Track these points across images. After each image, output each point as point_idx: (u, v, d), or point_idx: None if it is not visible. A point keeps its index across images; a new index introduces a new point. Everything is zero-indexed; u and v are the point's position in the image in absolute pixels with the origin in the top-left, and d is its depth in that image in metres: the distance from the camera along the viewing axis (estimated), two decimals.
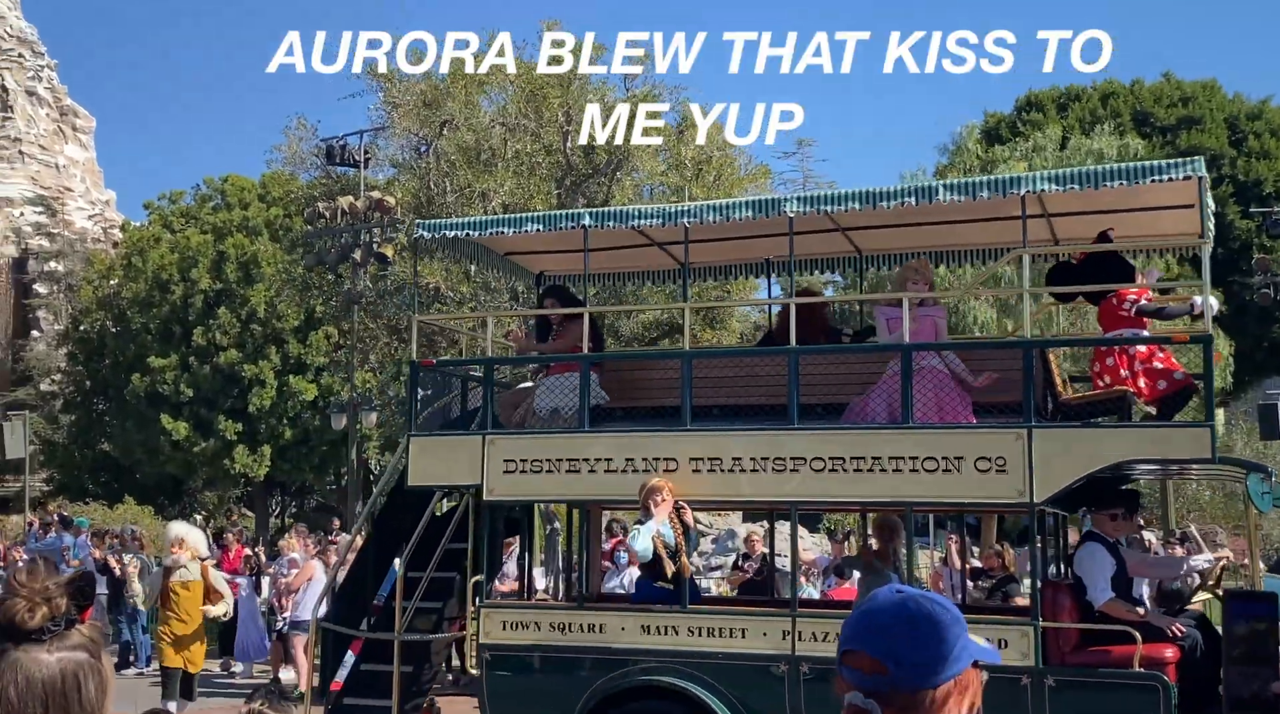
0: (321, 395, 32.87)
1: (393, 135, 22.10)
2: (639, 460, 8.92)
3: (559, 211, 10.42)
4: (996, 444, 8.11)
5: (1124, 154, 26.28)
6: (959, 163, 28.78)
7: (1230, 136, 35.81)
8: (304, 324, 33.55)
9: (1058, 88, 39.07)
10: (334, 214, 22.29)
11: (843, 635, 2.02)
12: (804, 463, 8.57)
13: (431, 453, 9.55)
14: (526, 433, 9.45)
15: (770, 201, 9.25)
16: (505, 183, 20.44)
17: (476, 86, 20.91)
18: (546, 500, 9.63)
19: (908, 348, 8.47)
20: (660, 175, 22.29)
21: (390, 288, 21.57)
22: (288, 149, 23.62)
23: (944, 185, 8.72)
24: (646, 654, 8.65)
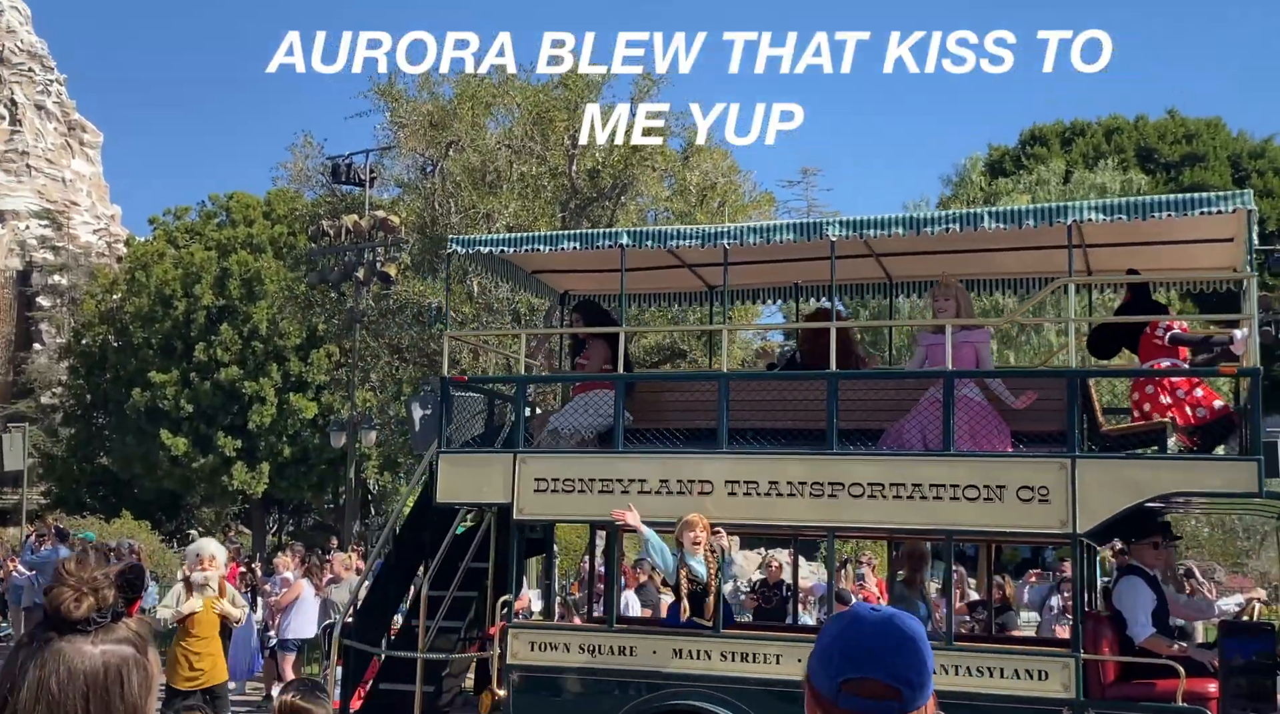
0: (321, 413, 32.85)
1: (399, 155, 22.17)
2: (674, 482, 8.83)
3: (596, 231, 10.42)
4: (1040, 474, 8.04)
5: (1127, 189, 26.36)
6: (962, 194, 28.89)
7: (1233, 174, 35.94)
8: (305, 342, 33.56)
9: (1062, 122, 39.25)
10: (338, 232, 22.35)
11: (836, 662, 1.93)
12: (843, 488, 8.47)
13: (461, 470, 9.47)
14: (559, 452, 9.34)
15: (812, 224, 9.16)
16: (510, 205, 20.50)
17: (483, 108, 21.01)
18: (579, 521, 9.60)
19: (950, 375, 8.40)
20: (665, 201, 22.35)
21: (393, 307, 21.60)
22: (293, 167, 23.70)
23: (989, 212, 8.70)
24: (678, 678, 8.54)
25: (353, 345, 23.61)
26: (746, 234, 9.15)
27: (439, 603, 9.87)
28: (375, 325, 22.28)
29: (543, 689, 8.97)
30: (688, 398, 9.56)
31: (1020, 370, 10.49)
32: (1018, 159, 36.21)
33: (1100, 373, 9.06)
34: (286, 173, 24.35)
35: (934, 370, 8.68)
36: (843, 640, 1.94)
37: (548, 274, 11.17)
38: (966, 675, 8.01)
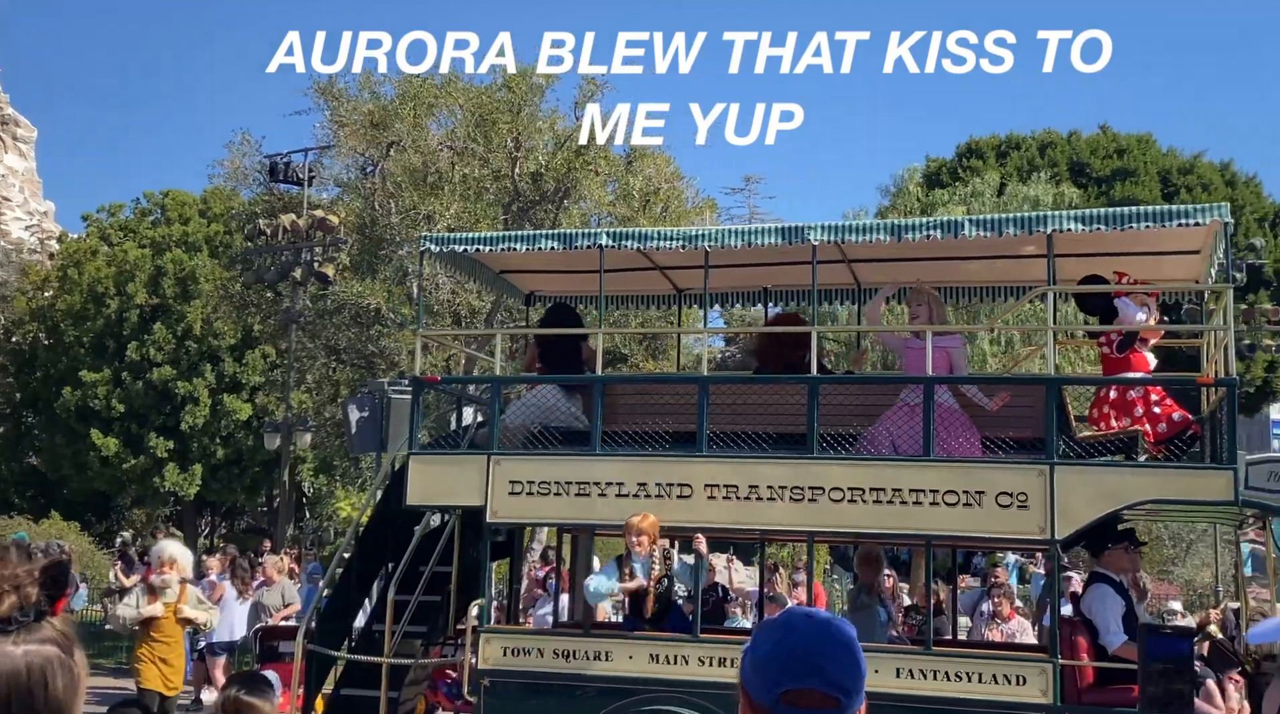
0: (256, 415, 32.45)
1: (338, 154, 22.01)
2: (652, 485, 8.73)
3: (575, 231, 10.30)
4: (1019, 480, 8.09)
5: (1059, 202, 26.85)
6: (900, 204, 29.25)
7: (1163, 190, 36.69)
8: (241, 342, 33.15)
9: (997, 136, 39.87)
10: (275, 232, 22.12)
11: (774, 673, 1.90)
12: (823, 492, 8.43)
13: (433, 472, 9.31)
14: (535, 454, 9.18)
15: (794, 229, 9.14)
16: (451, 206, 20.42)
17: (425, 109, 20.90)
18: (554, 524, 9.52)
19: (929, 380, 8.43)
20: (608, 205, 22.39)
21: (330, 308, 21.41)
22: (230, 165, 23.43)
23: (970, 220, 8.72)
24: (655, 684, 8.44)
25: (289, 346, 23.36)
26: (728, 237, 9.09)
27: (403, 607, 9.72)
28: (312, 326, 22.06)
29: (514, 695, 8.85)
30: (647, 401, 9.43)
31: (998, 377, 10.55)
32: (954, 171, 36.71)
33: (1078, 380, 9.15)
34: (223, 171, 24.09)
35: (912, 376, 8.72)
36: (781, 649, 1.92)
37: (515, 274, 11.06)
38: (945, 680, 8.07)
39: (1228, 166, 38.73)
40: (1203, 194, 36.21)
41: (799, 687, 1.87)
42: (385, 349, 20.41)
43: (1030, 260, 9.89)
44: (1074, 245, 9.02)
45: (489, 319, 20.45)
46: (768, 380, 9.35)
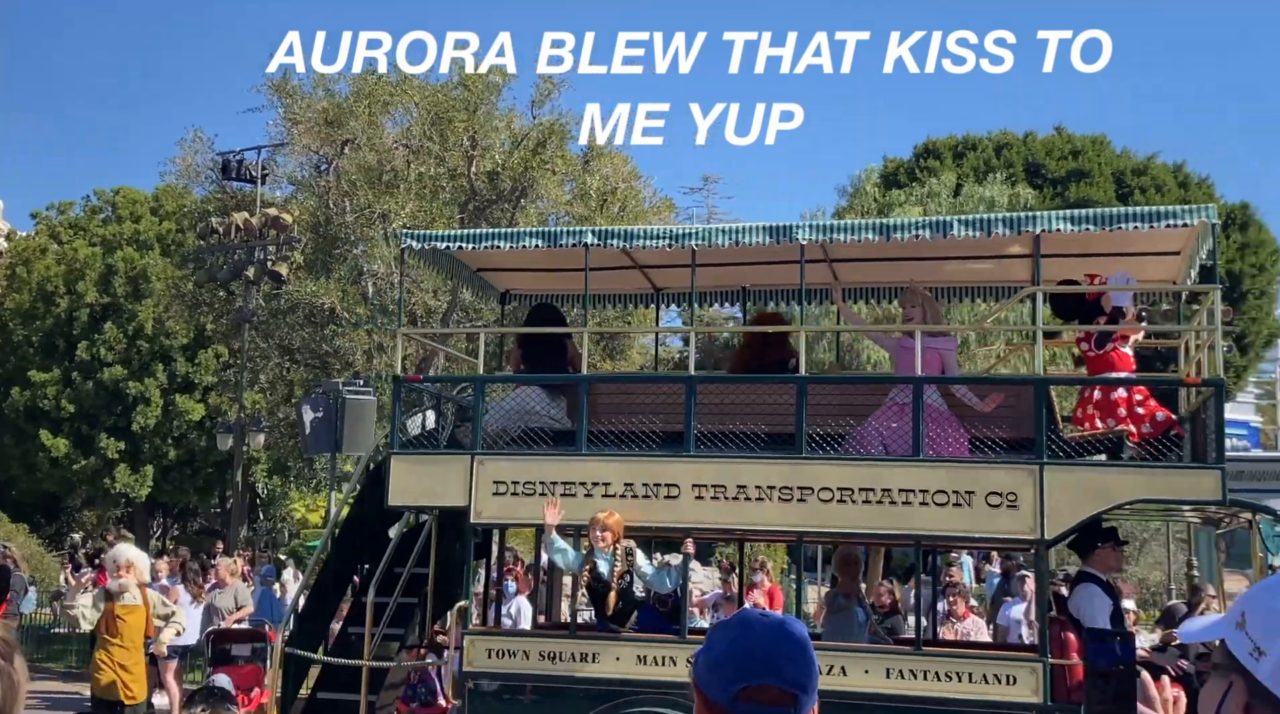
0: (209, 415, 32.11)
1: (292, 152, 21.79)
2: (639, 485, 8.67)
3: (560, 228, 10.18)
4: (1008, 480, 8.11)
5: (1014, 203, 27.04)
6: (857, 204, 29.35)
7: (1117, 190, 37.06)
8: (193, 342, 32.79)
9: (954, 136, 40.12)
10: (228, 230, 21.87)
11: (731, 671, 1.92)
12: (812, 493, 8.40)
13: (415, 472, 9.18)
14: (520, 454, 9.08)
15: (782, 227, 9.08)
16: (407, 205, 20.26)
17: (380, 107, 20.72)
18: (540, 525, 9.43)
19: (919, 380, 8.42)
20: (565, 204, 22.31)
21: (284, 307, 21.18)
22: (182, 162, 23.13)
23: (959, 220, 8.72)
24: (643, 685, 8.37)
25: (241, 346, 23.10)
26: (715, 236, 9.03)
27: (381, 610, 9.60)
28: (265, 326, 21.82)
29: (500, 697, 8.75)
30: (629, 401, 9.30)
31: (986, 377, 10.53)
32: (911, 172, 36.91)
33: (1066, 381, 9.14)
34: (175, 168, 23.79)
35: (901, 376, 8.72)
36: (737, 648, 1.93)
37: (491, 272, 10.92)
38: (936, 681, 8.06)
39: (1180, 168, 39.19)
40: (1156, 195, 36.61)
41: (756, 683, 1.89)
42: (340, 349, 20.22)
43: (1011, 261, 9.93)
44: (1056, 246, 9.03)
45: (444, 319, 20.30)
46: (756, 380, 9.30)
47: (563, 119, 21.22)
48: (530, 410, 9.36)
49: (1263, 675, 1.64)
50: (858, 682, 8.11)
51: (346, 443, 18.08)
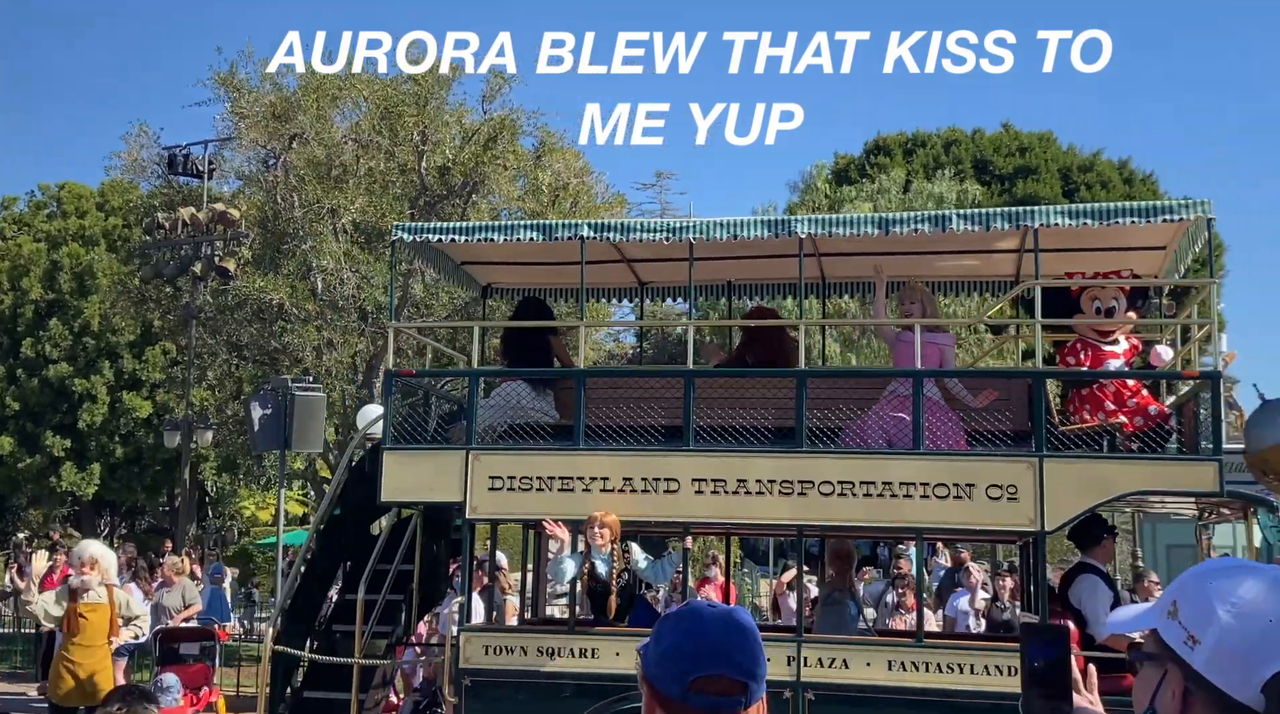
0: (157, 413, 31.76)
1: (239, 147, 21.57)
2: (638, 480, 8.59)
3: (556, 222, 10.06)
4: (1008, 472, 8.12)
5: (962, 199, 27.30)
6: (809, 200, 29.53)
7: (1063, 187, 37.48)
8: (140, 338, 32.41)
9: (904, 133, 40.43)
10: (174, 225, 21.64)
11: (683, 662, 1.92)
12: (813, 486, 8.37)
13: (409, 467, 9.04)
14: (516, 449, 8.97)
15: (781, 221, 9.03)
16: (356, 200, 20.13)
17: (329, 101, 20.56)
18: (535, 519, 9.35)
19: (918, 374, 8.42)
20: (517, 200, 22.25)
21: (231, 303, 20.97)
22: (128, 157, 22.84)
23: (958, 215, 8.71)
24: None
25: (189, 342, 22.86)
26: (713, 229, 8.94)
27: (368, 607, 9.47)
28: (213, 322, 21.60)
29: (497, 694, 8.65)
30: (619, 395, 9.14)
31: (984, 371, 10.49)
32: (862, 168, 37.17)
33: (1063, 374, 9.17)
34: (121, 163, 23.49)
35: (901, 370, 8.71)
36: (688, 639, 1.93)
37: (474, 266, 10.78)
38: (937, 673, 8.07)
39: (1125, 164, 39.70)
40: (1101, 192, 37.07)
41: (708, 673, 1.89)
42: (289, 345, 20.04)
43: (999, 256, 9.97)
44: (1043, 241, 9.00)
45: (395, 314, 20.20)
46: (754, 375, 9.23)
47: (514, 114, 21.16)
48: (517, 405, 9.25)
49: (1198, 664, 1.66)
50: (860, 675, 8.13)
51: (296, 440, 17.93)
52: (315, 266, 20.19)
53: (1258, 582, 1.68)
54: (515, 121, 20.98)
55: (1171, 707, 1.71)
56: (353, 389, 20.69)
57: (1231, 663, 1.64)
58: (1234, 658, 1.63)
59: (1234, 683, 1.63)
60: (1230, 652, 1.64)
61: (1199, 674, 1.66)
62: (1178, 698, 1.69)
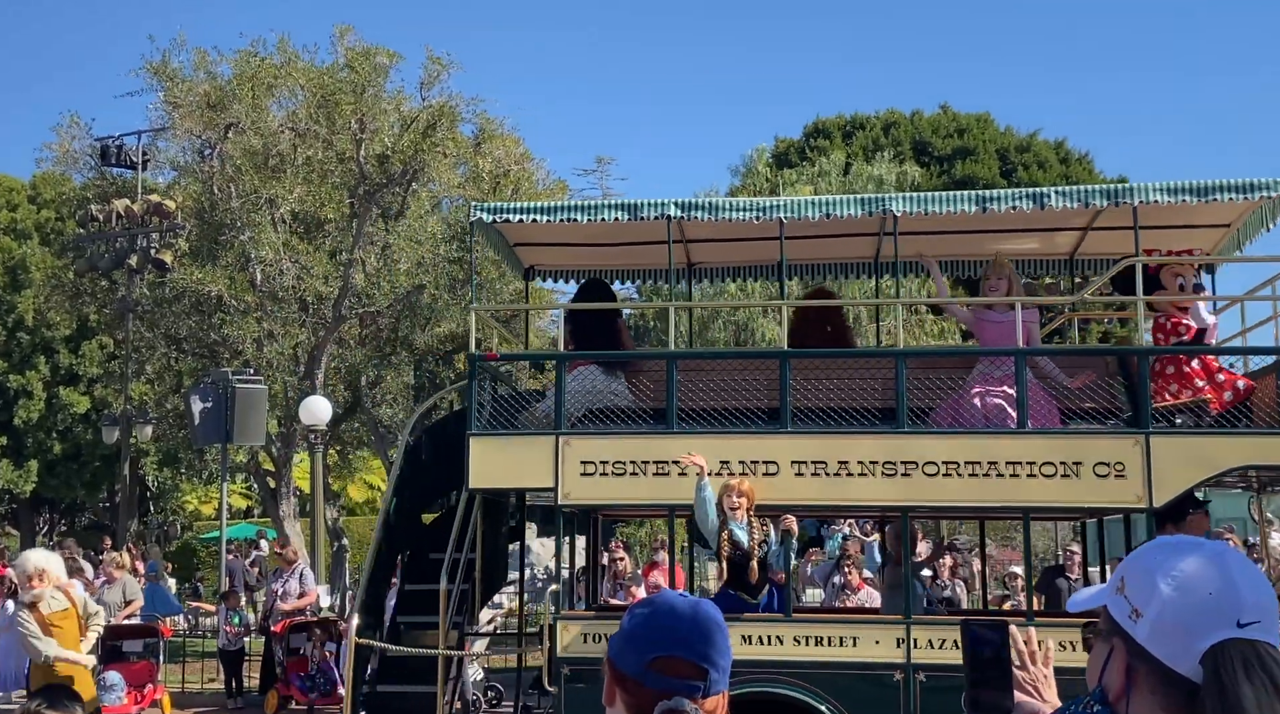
0: (95, 408, 31.27)
1: (174, 137, 21.24)
2: (735, 463, 8.48)
3: (642, 201, 9.86)
4: (1115, 450, 8.15)
5: (902, 181, 27.50)
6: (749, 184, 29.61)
7: (1001, 167, 37.88)
8: (76, 333, 31.87)
9: (843, 115, 40.63)
10: (108, 217, 21.28)
11: (643, 644, 1.96)
12: (917, 467, 8.32)
13: (498, 453, 8.83)
14: (608, 433, 8.78)
15: (874, 199, 8.89)
16: (294, 189, 19.90)
17: (265, 89, 20.29)
18: (629, 505, 9.19)
19: (1022, 352, 8.41)
20: (457, 188, 22.11)
21: (169, 296, 20.67)
22: (59, 148, 22.41)
23: (1056, 192, 8.66)
24: (748, 665, 8.04)
25: (126, 336, 22.52)
26: (804, 208, 8.85)
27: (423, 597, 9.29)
28: (150, 315, 21.28)
29: (596, 682, 8.55)
30: (690, 378, 9.00)
31: (1087, 349, 10.40)
32: (802, 151, 37.31)
33: (1169, 350, 9.19)
34: (52, 154, 23.04)
35: (1003, 349, 8.65)
36: (652, 623, 1.97)
37: (524, 247, 10.47)
38: None
39: (1061, 144, 40.18)
40: (1039, 172, 37.51)
41: (666, 654, 1.93)
42: (228, 337, 19.80)
43: (1058, 234, 9.98)
44: (1119, 218, 9.10)
45: (336, 305, 20.03)
46: (850, 355, 9.10)
47: (453, 101, 21.01)
48: (592, 390, 9.09)
49: (1140, 637, 1.69)
50: (931, 656, 8.15)
51: (238, 433, 17.77)
52: (254, 257, 19.96)
53: (1199, 556, 1.71)
54: (454, 108, 20.83)
55: (1117, 680, 1.73)
56: (294, 380, 20.49)
57: (1172, 635, 1.66)
58: (1174, 630, 1.66)
59: (1174, 654, 1.65)
60: (1170, 624, 1.66)
61: (1141, 647, 1.68)
62: (1122, 671, 1.72)
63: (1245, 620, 1.65)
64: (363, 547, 27.81)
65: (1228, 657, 1.62)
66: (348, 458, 26.79)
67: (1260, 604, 1.67)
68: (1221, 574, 1.68)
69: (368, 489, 37.14)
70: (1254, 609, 1.66)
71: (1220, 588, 1.67)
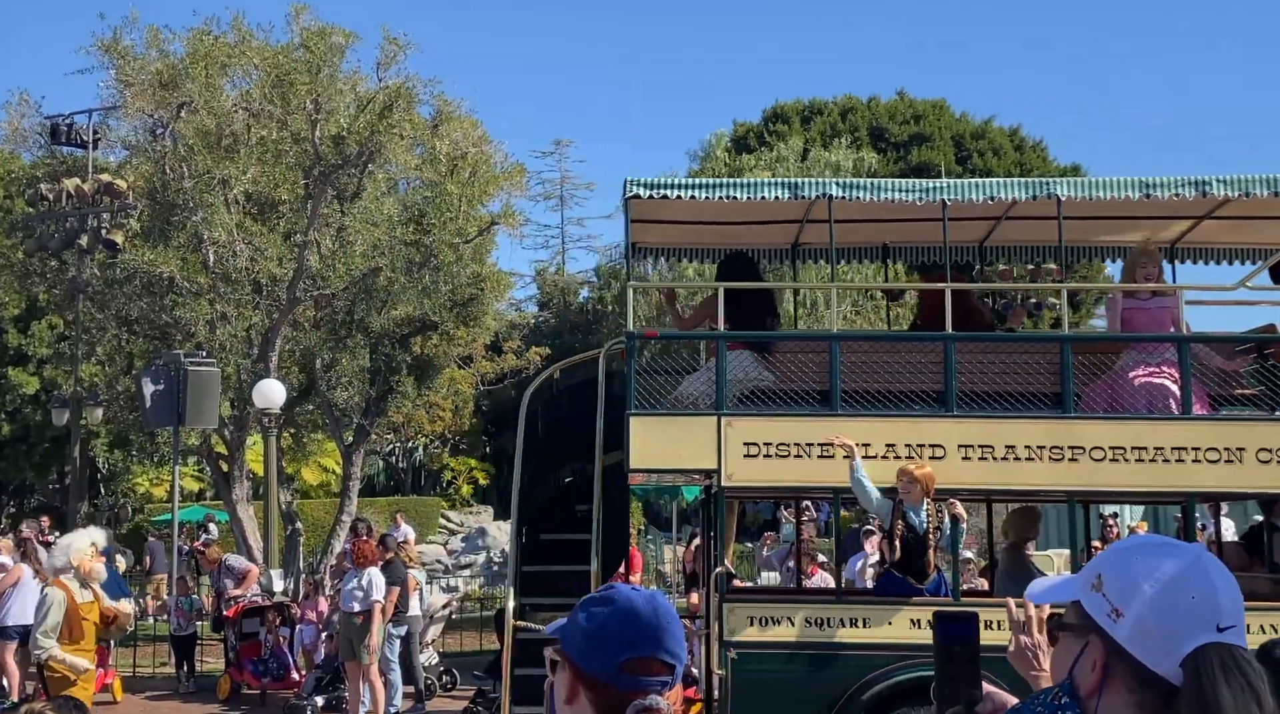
0: (44, 389, 30.83)
1: (125, 115, 20.94)
2: (901, 446, 8.46)
3: (803, 179, 9.52)
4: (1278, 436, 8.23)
5: (859, 167, 27.60)
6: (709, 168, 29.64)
7: (956, 154, 38.13)
8: (25, 313, 31.39)
9: (801, 101, 40.72)
10: (58, 196, 20.95)
11: (612, 644, 1.95)
12: (1084, 452, 8.34)
13: (657, 434, 8.68)
14: (771, 414, 8.70)
15: (1038, 182, 8.88)
16: (248, 170, 19.70)
17: (218, 68, 20.04)
18: (794, 488, 9.19)
19: (1185, 339, 8.47)
20: (414, 169, 21.96)
21: (120, 276, 20.41)
22: (8, 126, 22.04)
23: (1218, 179, 8.69)
24: (915, 650, 7.99)
25: (76, 317, 22.22)
26: (969, 190, 8.81)
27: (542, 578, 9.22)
28: (101, 296, 21.00)
29: (764, 665, 8.38)
30: (821, 360, 8.91)
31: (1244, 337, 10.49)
32: (761, 136, 37.38)
33: None
34: (1, 133, 22.65)
35: (1169, 335, 8.72)
36: (618, 622, 1.97)
37: (640, 223, 10.16)
38: None
39: (1016, 131, 40.50)
40: (994, 158, 37.80)
41: (639, 655, 1.94)
42: (180, 319, 19.59)
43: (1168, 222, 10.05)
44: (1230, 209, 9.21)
45: (291, 287, 19.86)
46: (1016, 339, 9.09)
47: (410, 82, 20.84)
48: (742, 373, 8.98)
49: (1121, 637, 1.71)
50: None
51: (190, 416, 17.61)
52: (207, 238, 19.74)
53: (1181, 560, 1.73)
54: (411, 89, 20.66)
55: (1090, 677, 1.75)
56: (248, 363, 20.32)
57: (1154, 637, 1.69)
58: (1156, 632, 1.69)
59: (1155, 656, 1.69)
60: (1153, 626, 1.69)
61: (1121, 647, 1.71)
62: (1098, 668, 1.74)
63: (1224, 625, 1.69)
64: (317, 530, 27.65)
65: (1208, 660, 1.66)
66: (302, 441, 26.61)
67: (1235, 610, 1.71)
68: (1202, 579, 1.72)
69: (322, 472, 36.92)
70: (1231, 614, 1.71)
71: (1202, 592, 1.70)
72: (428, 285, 20.26)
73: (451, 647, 18.13)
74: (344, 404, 22.08)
